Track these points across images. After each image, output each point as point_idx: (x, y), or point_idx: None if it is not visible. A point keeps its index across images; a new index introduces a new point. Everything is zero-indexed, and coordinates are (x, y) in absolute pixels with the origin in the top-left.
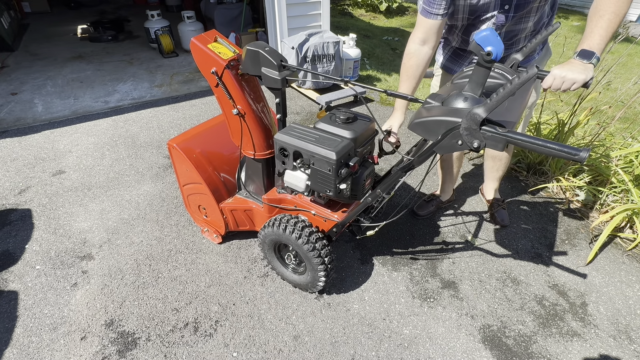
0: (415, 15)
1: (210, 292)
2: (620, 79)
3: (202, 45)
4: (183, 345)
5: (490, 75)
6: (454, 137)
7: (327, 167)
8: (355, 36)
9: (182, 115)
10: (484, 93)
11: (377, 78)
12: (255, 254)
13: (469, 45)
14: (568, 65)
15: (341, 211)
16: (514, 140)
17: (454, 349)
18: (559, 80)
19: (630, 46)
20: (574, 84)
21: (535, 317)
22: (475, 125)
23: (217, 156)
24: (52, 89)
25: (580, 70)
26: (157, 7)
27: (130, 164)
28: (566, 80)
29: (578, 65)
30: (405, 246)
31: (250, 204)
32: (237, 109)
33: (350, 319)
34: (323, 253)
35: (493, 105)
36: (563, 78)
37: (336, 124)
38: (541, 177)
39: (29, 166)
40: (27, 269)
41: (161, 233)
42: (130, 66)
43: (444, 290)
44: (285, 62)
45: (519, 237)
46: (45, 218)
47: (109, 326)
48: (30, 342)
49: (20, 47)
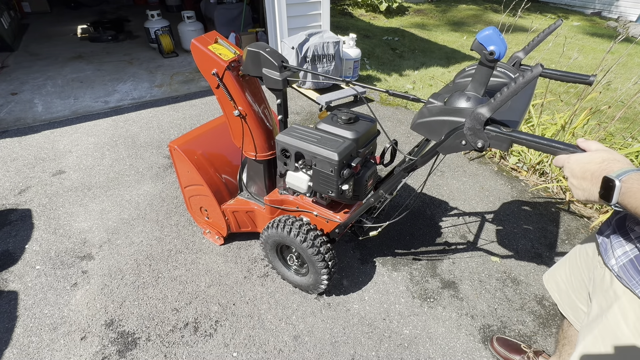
0: (415, 15)
1: (210, 292)
2: (620, 79)
3: (203, 47)
4: (183, 345)
5: (493, 74)
6: (457, 137)
7: (329, 168)
8: (355, 36)
9: (182, 115)
10: (486, 92)
11: (377, 78)
12: (256, 254)
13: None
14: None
15: (343, 212)
16: (519, 140)
17: (454, 349)
18: (572, 177)
19: (630, 46)
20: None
21: (535, 317)
22: (479, 125)
23: (218, 157)
24: (52, 89)
25: (595, 181)
26: (157, 7)
27: (130, 164)
28: (575, 188)
29: (597, 175)
30: (406, 246)
31: (252, 205)
32: (239, 110)
33: (350, 319)
34: (327, 257)
35: (497, 104)
36: (575, 184)
37: (338, 125)
38: (541, 177)
39: (29, 166)
40: (27, 269)
41: (161, 233)
42: (130, 66)
43: (444, 290)
44: (286, 63)
45: (519, 237)
46: (45, 218)
47: (109, 326)
48: (30, 342)
49: (20, 47)
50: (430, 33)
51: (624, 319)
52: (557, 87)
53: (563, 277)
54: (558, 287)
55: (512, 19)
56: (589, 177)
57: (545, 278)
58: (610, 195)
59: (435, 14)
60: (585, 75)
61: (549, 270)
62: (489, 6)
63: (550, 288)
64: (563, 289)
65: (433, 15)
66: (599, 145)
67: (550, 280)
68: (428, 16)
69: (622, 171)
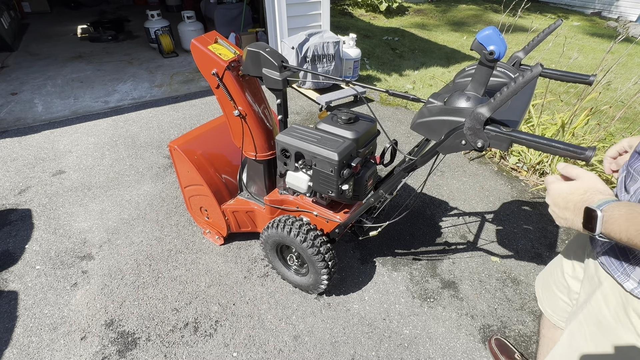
0: (415, 15)
1: (210, 292)
2: (620, 79)
3: (203, 47)
4: (183, 345)
5: (493, 74)
6: (457, 137)
7: (329, 168)
8: (355, 36)
9: (182, 115)
10: (486, 92)
11: (377, 78)
12: (255, 254)
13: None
14: (574, 189)
15: (343, 212)
16: (519, 140)
17: (454, 349)
18: (550, 191)
19: (630, 46)
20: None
21: (535, 317)
22: (479, 125)
23: (218, 157)
24: (52, 89)
25: (576, 211)
26: (157, 7)
27: (130, 164)
28: (557, 217)
29: (579, 204)
30: (406, 246)
31: (252, 205)
32: (239, 110)
33: (350, 319)
34: (327, 257)
35: (497, 104)
36: (558, 213)
37: (338, 125)
38: (541, 177)
39: (29, 166)
40: (27, 269)
41: (161, 233)
42: (130, 66)
43: (444, 290)
44: (286, 63)
45: (519, 237)
46: (45, 218)
47: (109, 326)
48: (30, 342)
49: (20, 47)
50: (430, 33)
51: (606, 304)
52: (557, 87)
53: (548, 270)
54: (543, 280)
55: (512, 19)
56: (572, 208)
57: (537, 278)
58: (594, 225)
59: (435, 14)
60: (585, 75)
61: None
62: (489, 6)
63: (537, 284)
64: (546, 281)
65: (433, 15)
66: (579, 170)
67: (538, 278)
68: (428, 16)
69: (603, 201)
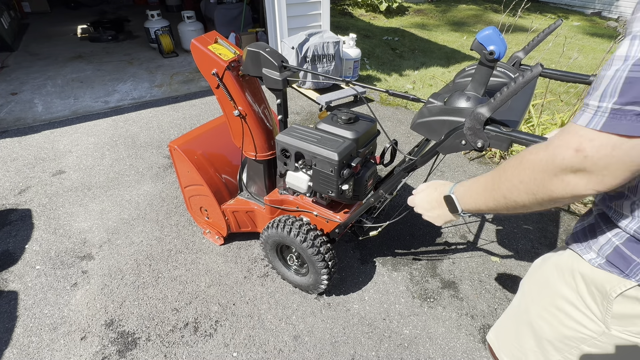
0: (415, 15)
1: (210, 292)
2: None
3: (203, 47)
4: (183, 345)
5: (493, 74)
6: (457, 137)
7: (329, 168)
8: (355, 36)
9: (182, 115)
10: (486, 92)
11: (377, 78)
12: (255, 254)
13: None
14: (432, 189)
15: (343, 212)
16: (519, 140)
17: (454, 349)
18: (415, 202)
19: None
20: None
21: None
22: (479, 125)
23: (218, 157)
24: (52, 89)
25: (435, 204)
26: (157, 7)
27: (130, 164)
28: (433, 219)
29: (436, 197)
30: (406, 246)
31: (252, 205)
32: (239, 110)
33: (350, 319)
34: (327, 257)
35: (497, 104)
36: (431, 215)
37: (338, 125)
38: None
39: (29, 166)
40: (27, 269)
41: (161, 233)
42: (130, 66)
43: (444, 290)
44: (286, 63)
45: (519, 237)
46: (45, 218)
47: (109, 326)
48: (30, 342)
49: (20, 47)
50: (430, 33)
51: (557, 268)
52: (557, 87)
53: None
54: None
55: (512, 19)
56: (436, 205)
57: None
58: (455, 206)
59: (435, 14)
60: (585, 75)
61: None
62: (489, 6)
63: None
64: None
65: (433, 15)
66: (423, 185)
67: None
68: (428, 16)
69: (451, 187)
